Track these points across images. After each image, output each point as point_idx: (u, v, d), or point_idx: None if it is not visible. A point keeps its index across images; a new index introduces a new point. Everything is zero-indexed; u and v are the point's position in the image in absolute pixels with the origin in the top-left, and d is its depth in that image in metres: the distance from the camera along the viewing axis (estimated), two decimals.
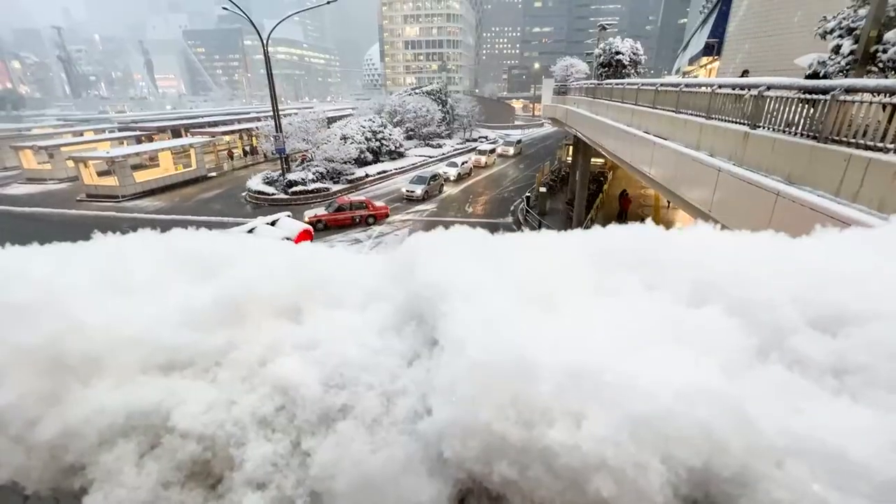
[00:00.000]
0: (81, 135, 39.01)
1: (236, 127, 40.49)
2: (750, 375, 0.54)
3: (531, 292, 0.68)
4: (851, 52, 8.33)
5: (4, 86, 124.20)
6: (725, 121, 7.41)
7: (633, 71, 20.64)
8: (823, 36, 9.32)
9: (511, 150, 42.40)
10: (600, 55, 21.27)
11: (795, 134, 5.68)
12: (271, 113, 26.88)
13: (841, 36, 8.78)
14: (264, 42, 23.36)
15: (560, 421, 0.51)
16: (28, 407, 0.61)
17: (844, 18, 8.85)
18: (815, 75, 8.48)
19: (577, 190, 20.22)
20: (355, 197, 23.45)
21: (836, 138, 5.02)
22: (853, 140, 4.83)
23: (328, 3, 27.04)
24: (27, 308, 0.67)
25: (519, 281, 0.71)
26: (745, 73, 11.27)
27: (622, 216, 21.72)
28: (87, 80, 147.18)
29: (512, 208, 24.62)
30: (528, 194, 23.67)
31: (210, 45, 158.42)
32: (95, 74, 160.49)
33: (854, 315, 0.57)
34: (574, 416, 0.50)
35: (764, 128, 6.36)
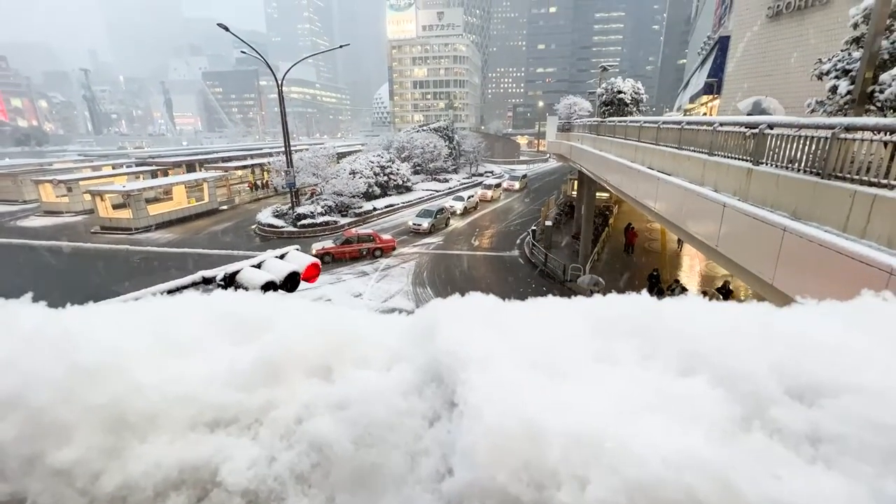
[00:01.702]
0: (100, 169, 40.37)
1: (249, 162, 41.72)
2: (733, 443, 0.58)
3: (539, 360, 0.75)
4: (849, 93, 8.55)
5: (30, 123, 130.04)
6: (728, 157, 7.49)
7: (634, 109, 21.17)
8: (820, 77, 9.59)
9: (516, 185, 43.06)
10: (603, 94, 21.91)
11: (799, 170, 5.73)
12: (283, 149, 27.72)
13: (837, 77, 9.03)
14: (279, 83, 24.43)
15: (566, 484, 0.56)
16: (93, 461, 0.67)
17: (840, 60, 9.13)
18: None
19: (583, 224, 20.31)
20: (363, 230, 23.74)
21: (840, 175, 5.06)
22: (857, 177, 4.86)
23: (340, 47, 28.41)
24: (95, 370, 0.74)
25: (528, 349, 0.77)
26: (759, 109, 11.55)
27: (628, 250, 21.72)
28: (108, 118, 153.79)
29: (518, 241, 24.72)
30: (534, 228, 23.81)
31: (227, 85, 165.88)
32: (117, 112, 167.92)
33: (827, 386, 0.63)
34: (579, 480, 0.55)
35: (767, 164, 6.41)
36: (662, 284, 13.92)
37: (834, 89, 9.06)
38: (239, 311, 0.99)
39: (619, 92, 21.02)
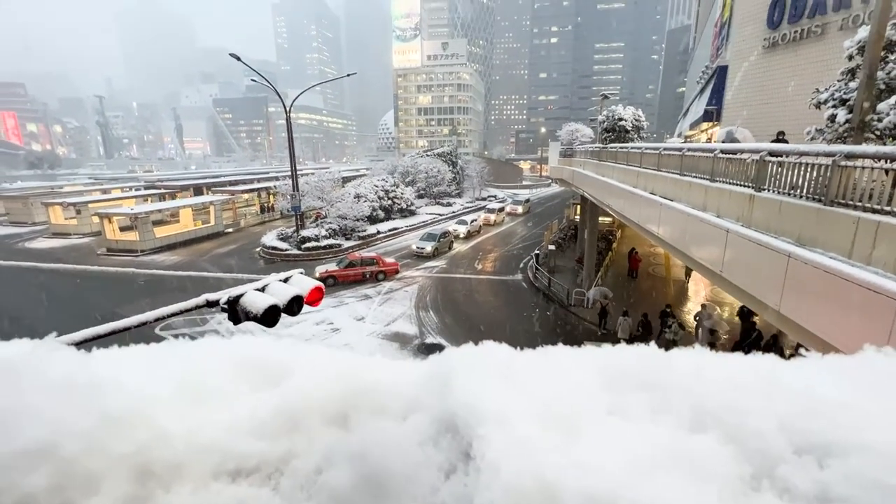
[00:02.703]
0: (109, 192, 41.10)
1: (255, 186, 42.39)
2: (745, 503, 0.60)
3: (553, 414, 0.76)
4: (847, 121, 8.67)
5: (44, 147, 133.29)
6: (730, 183, 7.54)
7: (636, 135, 21.50)
8: (818, 106, 9.76)
9: (520, 209, 43.38)
10: (604, 121, 22.32)
11: (801, 196, 5.75)
12: (289, 173, 28.19)
13: (835, 106, 9.18)
14: (287, 109, 25.07)
15: None
16: None
17: (836, 90, 9.30)
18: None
19: (586, 248, 20.33)
20: (366, 253, 23.82)
21: (842, 202, 5.07)
22: (859, 203, 4.87)
23: (347, 76, 29.27)
24: (123, 419, 0.76)
25: (542, 402, 0.79)
26: (780, 135, 11.63)
27: (632, 274, 21.63)
28: (120, 143, 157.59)
29: (521, 265, 24.70)
30: (538, 252, 23.83)
31: (237, 111, 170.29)
32: (129, 137, 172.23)
33: (835, 445, 0.64)
34: None
35: (769, 190, 6.44)
36: (677, 321, 13.20)
37: (832, 118, 9.19)
38: (259, 356, 1.01)
39: (620, 119, 21.41)
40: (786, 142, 10.42)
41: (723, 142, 14.13)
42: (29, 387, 0.76)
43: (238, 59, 21.97)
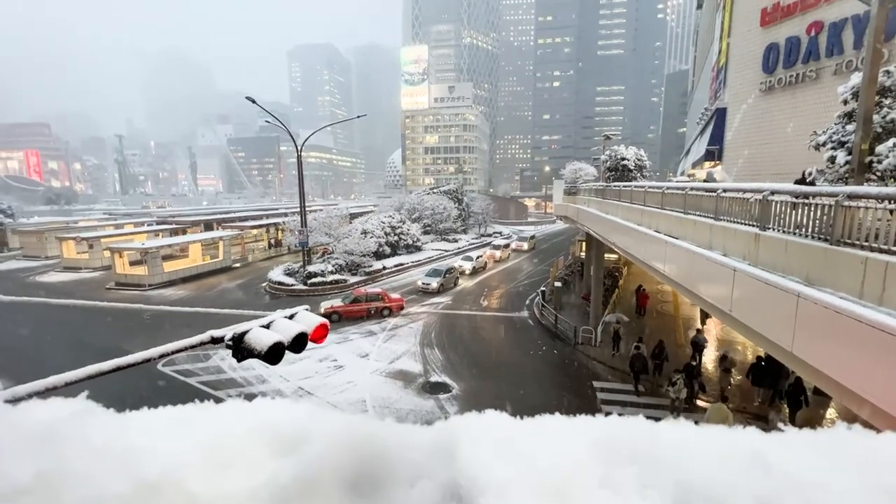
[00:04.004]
0: (122, 227, 41.98)
1: (264, 221, 43.15)
2: None
3: (548, 487, 0.81)
4: (847, 162, 8.78)
5: (63, 184, 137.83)
6: (734, 222, 7.55)
7: (638, 174, 21.85)
8: (817, 147, 9.93)
9: (525, 245, 43.52)
10: (607, 160, 22.77)
11: (807, 236, 5.74)
12: (298, 209, 28.76)
13: (834, 148, 9.33)
14: (298, 149, 25.92)
15: None
16: None
17: (834, 133, 9.48)
18: (811, 183, 8.87)
19: (593, 285, 20.19)
20: (371, 289, 23.78)
21: (849, 241, 5.05)
22: (866, 243, 4.85)
23: (357, 117, 30.42)
24: (155, 484, 0.81)
25: (539, 473, 0.85)
26: (805, 176, 11.75)
27: (640, 312, 21.32)
28: (136, 179, 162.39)
29: (527, 302, 24.49)
30: (544, 289, 23.68)
31: (249, 150, 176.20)
32: (144, 174, 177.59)
33: None
34: None
35: (774, 229, 6.44)
36: (682, 377, 12.08)
37: (832, 159, 9.31)
38: (278, 420, 1.09)
39: (623, 159, 21.83)
40: (813, 183, 10.32)
41: (704, 181, 14.56)
42: (72, 453, 0.82)
43: (253, 101, 22.99)
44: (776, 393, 12.68)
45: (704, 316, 18.49)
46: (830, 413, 12.21)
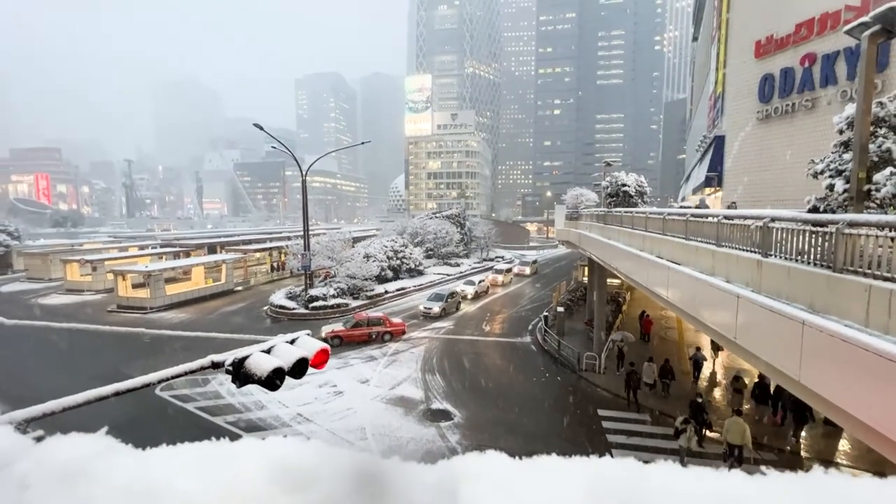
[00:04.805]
0: (126, 250, 42.23)
1: (267, 245, 43.36)
2: None
3: None
4: (845, 190, 8.86)
5: (70, 207, 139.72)
6: (736, 248, 7.55)
7: (639, 200, 22.00)
8: (815, 176, 10.03)
9: (527, 270, 43.45)
10: (608, 186, 22.98)
11: (809, 263, 5.73)
12: (301, 233, 28.96)
13: (832, 176, 9.43)
14: (303, 174, 26.33)
15: None
16: None
17: (832, 162, 9.59)
18: (814, 210, 8.91)
19: (596, 310, 20.02)
20: (373, 313, 23.63)
21: (851, 269, 5.04)
22: (869, 271, 4.83)
23: (362, 143, 31.03)
24: None
25: None
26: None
27: (644, 338, 21.06)
28: (143, 203, 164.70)
29: (530, 327, 24.26)
30: (546, 313, 23.49)
31: (255, 175, 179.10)
32: (151, 198, 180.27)
33: None
34: None
35: (776, 256, 6.44)
36: (693, 425, 11.19)
37: (831, 187, 9.38)
38: (290, 458, 1.13)
39: (623, 185, 22.04)
40: (827, 211, 10.26)
41: (697, 206, 14.81)
42: (97, 492, 0.88)
43: (261, 128, 23.52)
44: (783, 410, 12.62)
45: (717, 347, 17.74)
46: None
